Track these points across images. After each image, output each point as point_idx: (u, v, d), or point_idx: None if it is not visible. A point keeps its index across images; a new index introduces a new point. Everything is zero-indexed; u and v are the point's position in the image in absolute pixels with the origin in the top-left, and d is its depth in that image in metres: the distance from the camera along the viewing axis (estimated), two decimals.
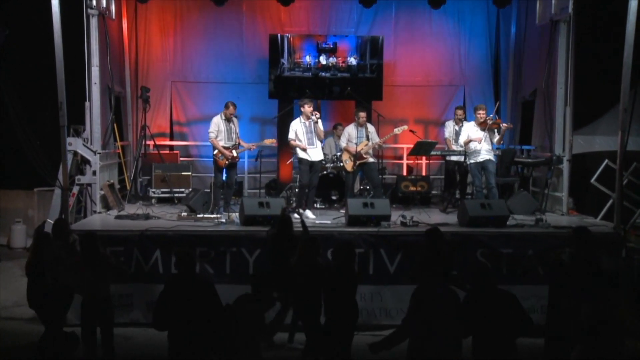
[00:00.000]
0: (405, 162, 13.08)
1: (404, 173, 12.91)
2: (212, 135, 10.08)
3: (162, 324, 5.74)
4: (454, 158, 10.93)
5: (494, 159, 10.04)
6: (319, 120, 9.74)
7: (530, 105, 11.97)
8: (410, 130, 11.19)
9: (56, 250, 6.87)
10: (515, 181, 11.09)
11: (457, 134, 10.97)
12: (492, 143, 9.91)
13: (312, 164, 9.79)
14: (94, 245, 6.63)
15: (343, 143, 10.60)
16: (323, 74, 12.30)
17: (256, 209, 8.80)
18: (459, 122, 11.07)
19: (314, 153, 9.82)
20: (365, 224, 8.83)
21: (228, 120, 10.12)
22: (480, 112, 9.94)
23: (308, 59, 12.32)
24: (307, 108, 9.77)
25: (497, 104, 10.56)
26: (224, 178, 10.10)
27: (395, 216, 9.17)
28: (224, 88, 12.89)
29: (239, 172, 12.50)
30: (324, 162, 10.71)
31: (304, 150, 9.77)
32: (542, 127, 11.13)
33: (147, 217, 9.41)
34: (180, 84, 13.03)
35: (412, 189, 11.46)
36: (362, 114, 10.44)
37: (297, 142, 9.79)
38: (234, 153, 10.11)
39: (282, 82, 12.25)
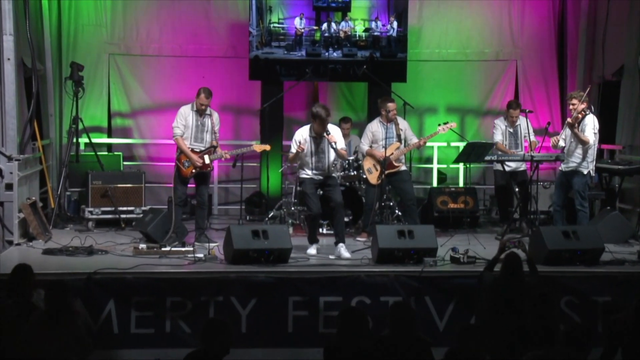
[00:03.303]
0: (435, 166, 13.03)
1: (434, 183, 12.88)
2: (177, 131, 9.85)
3: None
4: (512, 165, 10.77)
5: (583, 169, 9.95)
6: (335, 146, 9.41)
7: (614, 88, 11.93)
8: (459, 134, 11.28)
9: (8, 313, 6.55)
10: (598, 196, 10.96)
11: (514, 137, 10.93)
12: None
13: (321, 183, 9.54)
14: (64, 302, 6.34)
15: (364, 146, 10.50)
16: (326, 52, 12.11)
17: (248, 240, 8.65)
18: (513, 122, 10.90)
19: (322, 177, 9.57)
20: (402, 261, 8.76)
21: (200, 113, 9.83)
22: (574, 101, 9.83)
23: (303, 24, 12.12)
24: (318, 122, 9.33)
25: (589, 88, 10.42)
26: (190, 194, 9.94)
27: (441, 248, 9.07)
28: (183, 64, 12.77)
29: None
30: (339, 172, 10.58)
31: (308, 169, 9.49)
32: (633, 119, 11.07)
33: (90, 251, 9.20)
34: (121, 59, 12.81)
35: (453, 206, 11.42)
36: (392, 105, 10.34)
37: (301, 160, 9.52)
38: (207, 160, 9.82)
39: (269, 57, 12.06)
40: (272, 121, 11.63)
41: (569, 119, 9.81)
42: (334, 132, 9.38)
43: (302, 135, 9.44)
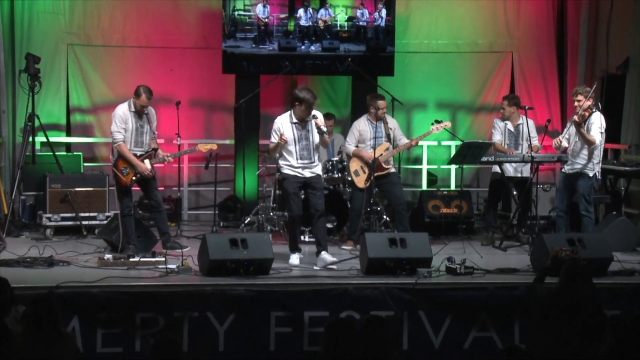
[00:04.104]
0: (425, 167, 13.05)
1: (424, 185, 12.86)
2: (119, 136, 9.68)
3: None
4: (509, 168, 10.76)
5: (589, 171, 9.94)
6: (324, 130, 9.39)
7: (618, 82, 11.94)
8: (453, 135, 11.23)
9: None
10: (603, 200, 11.01)
11: (515, 136, 10.87)
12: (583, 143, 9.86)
13: (305, 183, 9.45)
14: (50, 318, 6.14)
15: (350, 146, 10.46)
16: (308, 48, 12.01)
17: (226, 250, 8.62)
18: (514, 119, 10.87)
19: (308, 170, 9.48)
20: (393, 272, 8.74)
21: (139, 114, 9.73)
22: (580, 98, 9.82)
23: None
24: (304, 108, 9.32)
25: (595, 84, 10.43)
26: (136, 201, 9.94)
27: (435, 258, 9.04)
28: (149, 56, 12.74)
29: (172, 183, 12.25)
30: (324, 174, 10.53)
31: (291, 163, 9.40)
32: (639, 115, 11.16)
33: (50, 263, 9.09)
34: (81, 49, 12.70)
35: (445, 210, 11.41)
36: (383, 103, 10.34)
37: (284, 151, 9.42)
38: (147, 165, 9.72)
39: (235, 52, 11.95)
40: (247, 118, 11.51)
41: (574, 117, 9.79)
42: (318, 117, 9.38)
43: (283, 123, 9.39)
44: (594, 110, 9.89)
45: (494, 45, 13.30)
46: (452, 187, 12.77)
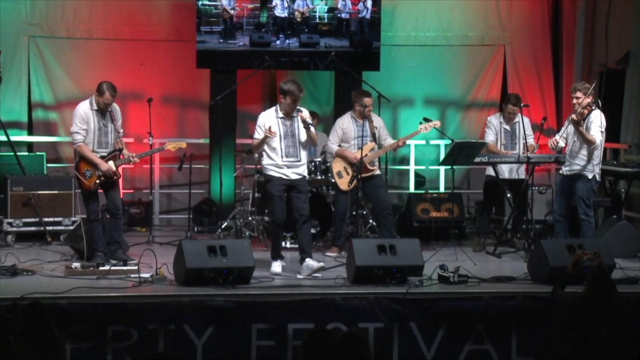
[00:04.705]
0: (412, 168, 13.10)
1: (412, 187, 12.91)
2: (79, 137, 9.62)
3: None
4: (504, 170, 10.80)
5: (588, 173, 9.95)
6: (310, 123, 9.40)
7: (618, 77, 12.01)
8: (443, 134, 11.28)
9: None
10: (602, 202, 11.04)
11: (511, 136, 10.90)
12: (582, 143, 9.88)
13: (290, 186, 9.44)
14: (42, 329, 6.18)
15: (333, 145, 10.48)
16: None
17: (203, 258, 8.57)
18: (510, 119, 10.89)
19: (294, 169, 9.47)
20: (383, 281, 8.71)
21: (102, 113, 9.67)
22: (579, 95, 9.83)
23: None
24: (290, 100, 9.30)
25: (595, 82, 10.45)
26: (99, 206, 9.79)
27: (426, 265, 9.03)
28: (117, 49, 12.78)
29: (142, 185, 12.21)
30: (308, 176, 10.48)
31: (275, 163, 9.37)
32: None
33: (14, 272, 9.00)
34: (43, 42, 12.73)
35: (435, 214, 11.42)
36: (369, 101, 10.36)
37: (267, 150, 9.39)
38: (112, 166, 9.67)
39: (199, 49, 11.91)
40: (224, 116, 11.49)
41: (573, 116, 9.80)
42: (303, 110, 9.39)
43: (268, 118, 9.38)
44: (593, 107, 9.91)
45: (485, 38, 13.36)
46: (442, 189, 12.81)
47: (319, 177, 10.89)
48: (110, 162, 9.64)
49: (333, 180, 10.61)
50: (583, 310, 6.94)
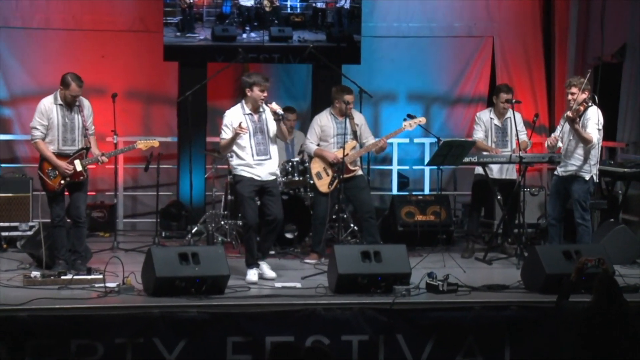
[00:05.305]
0: (395, 168, 13.13)
1: (395, 189, 12.94)
2: (37, 133, 9.56)
3: None
4: (494, 169, 10.84)
5: (584, 174, 9.97)
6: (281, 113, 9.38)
7: (614, 71, 12.08)
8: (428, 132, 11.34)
9: None
10: (599, 205, 11.06)
11: (502, 132, 10.90)
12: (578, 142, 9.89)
13: (261, 188, 9.41)
14: None
15: (312, 144, 10.47)
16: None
17: (174, 266, 8.54)
18: (502, 114, 10.89)
19: (266, 167, 9.45)
20: (367, 291, 8.69)
21: (69, 107, 9.60)
22: (574, 90, 9.83)
23: None
24: (257, 92, 9.34)
25: (589, 73, 10.45)
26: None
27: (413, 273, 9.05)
28: (77, 40, 12.78)
29: (105, 187, 12.15)
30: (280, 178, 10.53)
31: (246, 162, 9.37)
32: (638, 109, 11.33)
33: None
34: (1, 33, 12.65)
35: (420, 218, 11.44)
36: (350, 97, 10.39)
37: (236, 149, 9.39)
38: (78, 166, 9.59)
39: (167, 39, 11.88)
40: (193, 113, 11.45)
41: (568, 113, 9.81)
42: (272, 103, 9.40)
43: (235, 116, 9.39)
44: (589, 104, 9.91)
45: (472, 29, 13.44)
46: (427, 190, 12.84)
47: (297, 179, 10.93)
48: (76, 162, 9.55)
49: (312, 182, 10.59)
50: (593, 322, 6.93)
